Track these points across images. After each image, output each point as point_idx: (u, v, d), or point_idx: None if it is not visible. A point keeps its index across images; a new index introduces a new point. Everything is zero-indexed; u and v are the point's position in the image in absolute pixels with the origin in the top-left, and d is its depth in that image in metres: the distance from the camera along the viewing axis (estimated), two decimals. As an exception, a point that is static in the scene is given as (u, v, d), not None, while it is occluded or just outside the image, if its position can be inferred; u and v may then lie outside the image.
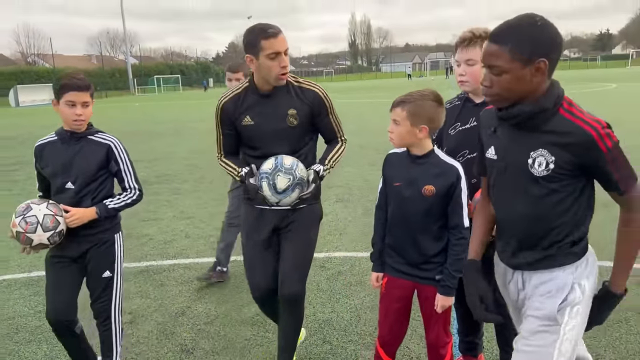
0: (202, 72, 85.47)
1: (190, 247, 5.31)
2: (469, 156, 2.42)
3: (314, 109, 2.67)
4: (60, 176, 2.61)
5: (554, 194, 1.78)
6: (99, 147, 2.66)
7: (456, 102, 2.60)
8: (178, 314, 3.84)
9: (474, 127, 2.38)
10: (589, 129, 1.68)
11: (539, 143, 1.76)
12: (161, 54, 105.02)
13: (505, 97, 1.77)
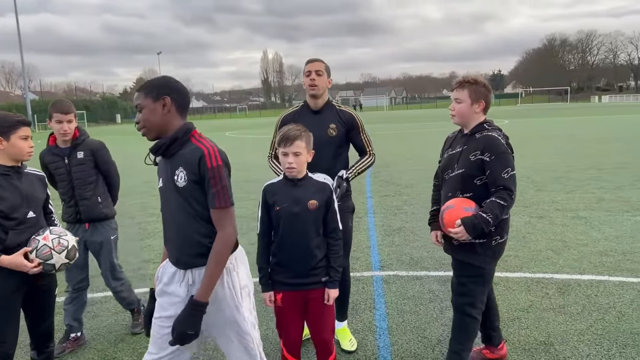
0: (108, 107, 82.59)
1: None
2: (450, 174, 3.07)
3: (348, 126, 3.60)
4: (20, 208, 2.77)
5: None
6: (39, 179, 2.96)
7: (456, 133, 3.24)
8: (117, 340, 3.95)
9: (456, 152, 3.07)
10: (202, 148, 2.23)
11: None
12: (63, 89, 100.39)
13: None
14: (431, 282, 4.91)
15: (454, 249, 3.08)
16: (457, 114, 3.05)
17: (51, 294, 2.98)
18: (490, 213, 2.81)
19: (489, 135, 2.94)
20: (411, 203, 8.61)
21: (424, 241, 6.29)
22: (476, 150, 2.93)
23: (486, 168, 2.90)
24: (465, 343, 3.08)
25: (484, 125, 3.01)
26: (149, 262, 6.00)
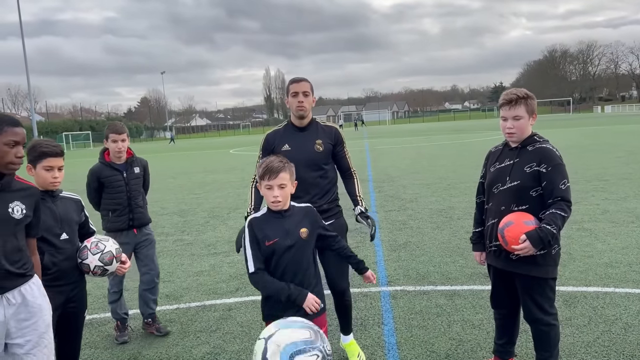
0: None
1: (131, 299, 5.43)
2: (501, 188, 3.08)
3: (334, 141, 3.67)
4: (55, 229, 2.87)
5: None
6: (74, 202, 3.06)
7: (499, 147, 3.26)
8: (131, 359, 4.01)
9: (506, 165, 3.09)
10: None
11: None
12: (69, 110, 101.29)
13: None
14: (438, 296, 4.95)
15: (513, 264, 3.06)
16: (518, 131, 3.03)
17: (79, 317, 3.03)
18: (554, 225, 2.82)
19: (545, 147, 3.01)
20: (416, 218, 8.66)
21: (429, 256, 6.34)
22: (532, 162, 2.98)
23: (542, 179, 2.94)
24: (552, 350, 3.11)
25: (534, 137, 3.06)
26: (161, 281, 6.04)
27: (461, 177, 13.20)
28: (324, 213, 3.38)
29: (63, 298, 2.88)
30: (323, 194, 3.57)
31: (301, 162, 3.35)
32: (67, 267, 2.89)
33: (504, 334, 3.36)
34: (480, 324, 4.23)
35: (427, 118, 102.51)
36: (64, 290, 2.88)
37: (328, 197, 3.60)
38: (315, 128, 3.66)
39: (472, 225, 3.46)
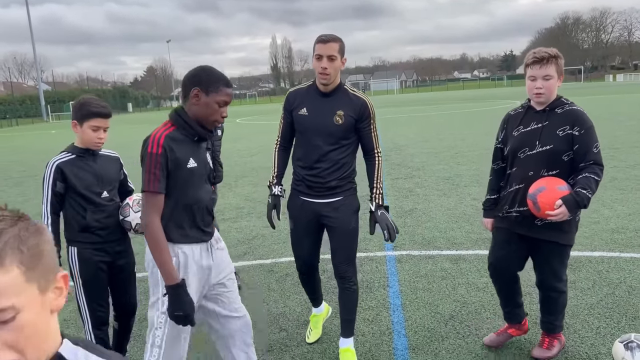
0: (120, 97, 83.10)
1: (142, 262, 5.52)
2: (528, 153, 2.96)
3: (358, 115, 3.10)
4: (95, 187, 2.91)
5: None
6: (113, 160, 3.09)
7: (520, 110, 3.12)
8: (141, 319, 4.07)
9: (534, 129, 2.96)
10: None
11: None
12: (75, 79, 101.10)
13: None
14: (443, 260, 5.00)
15: (539, 230, 2.98)
16: (547, 91, 2.89)
17: (128, 272, 3.10)
18: (589, 189, 2.73)
19: (576, 109, 2.92)
20: (423, 185, 8.67)
21: (435, 222, 6.38)
22: (564, 125, 2.88)
23: (575, 142, 2.85)
24: (559, 314, 3.16)
25: (561, 99, 2.97)
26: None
27: (469, 145, 13.14)
28: (330, 190, 3.11)
29: (109, 254, 2.96)
30: (333, 169, 3.09)
31: (316, 131, 3.10)
32: (110, 224, 2.94)
33: (509, 300, 3.30)
34: (485, 287, 4.27)
35: (435, 87, 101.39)
36: (109, 246, 2.95)
37: (339, 174, 3.11)
38: (340, 96, 3.12)
39: (487, 192, 3.34)
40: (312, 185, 3.14)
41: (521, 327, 3.37)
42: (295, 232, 3.32)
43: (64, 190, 2.86)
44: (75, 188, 2.85)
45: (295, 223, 3.30)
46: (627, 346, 2.86)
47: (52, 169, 2.83)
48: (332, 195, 3.14)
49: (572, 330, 3.49)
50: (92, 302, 2.92)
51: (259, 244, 5.86)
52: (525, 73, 3.00)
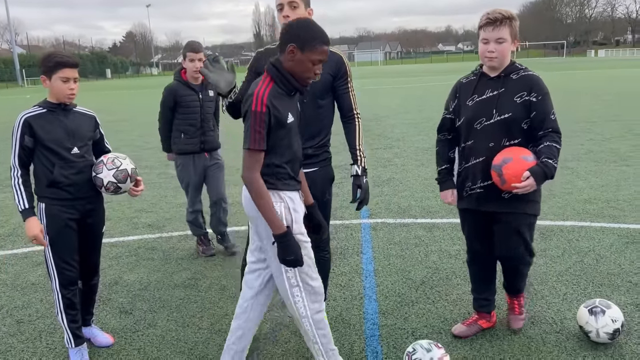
0: (98, 62, 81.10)
1: (113, 228, 5.46)
2: (485, 123, 2.79)
3: (334, 71, 2.88)
4: (66, 142, 2.85)
5: None
6: (87, 117, 3.01)
7: (472, 77, 2.92)
8: (111, 283, 4.07)
9: (490, 97, 2.79)
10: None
11: None
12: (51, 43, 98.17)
13: None
14: (417, 228, 5.03)
15: (506, 203, 2.82)
16: (499, 55, 2.73)
17: (96, 231, 3.07)
18: (554, 158, 2.64)
19: (532, 74, 2.78)
20: (401, 155, 8.67)
21: (412, 191, 6.39)
22: (522, 91, 2.74)
23: (532, 109, 2.73)
24: (523, 282, 3.11)
25: (515, 65, 2.82)
26: (143, 211, 6.07)
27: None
28: (306, 159, 2.82)
29: (79, 212, 2.91)
30: (310, 135, 2.87)
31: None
32: (79, 180, 2.87)
33: (486, 286, 3.15)
34: (457, 254, 4.31)
35: (419, 59, 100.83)
36: (79, 204, 2.90)
37: (315, 141, 2.91)
38: None
39: (437, 164, 3.10)
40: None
41: (490, 319, 3.18)
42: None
43: (32, 144, 2.82)
44: (43, 142, 2.81)
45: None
46: (591, 311, 2.91)
47: (21, 123, 2.81)
48: (307, 166, 2.86)
49: (540, 297, 3.54)
50: (59, 260, 2.87)
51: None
52: (479, 36, 2.81)
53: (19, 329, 3.42)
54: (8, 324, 3.49)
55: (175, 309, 3.60)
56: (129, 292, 3.90)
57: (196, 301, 3.71)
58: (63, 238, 2.88)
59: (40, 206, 2.88)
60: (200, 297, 3.78)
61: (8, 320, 3.54)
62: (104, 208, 3.11)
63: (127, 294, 3.88)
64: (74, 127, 2.91)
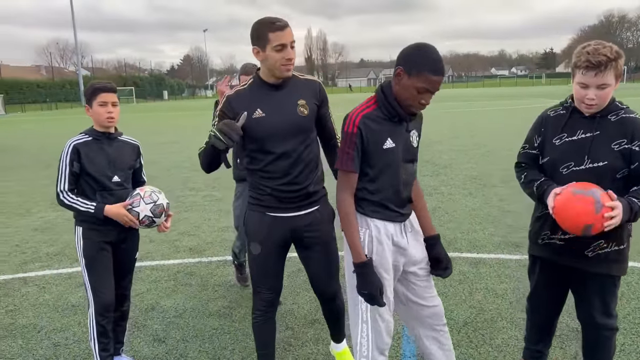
0: (156, 84, 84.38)
1: (156, 251, 5.51)
2: (574, 168, 2.42)
3: (319, 100, 2.69)
4: (107, 170, 2.93)
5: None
6: (131, 146, 3.10)
7: (561, 111, 2.53)
8: (148, 309, 4.07)
9: (583, 139, 2.41)
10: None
11: None
12: (114, 65, 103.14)
13: None
14: (462, 263, 4.80)
15: (587, 261, 2.47)
16: (601, 101, 2.35)
17: (130, 256, 3.12)
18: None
19: (636, 118, 2.37)
20: (449, 184, 8.42)
21: (458, 222, 6.16)
22: (621, 137, 2.35)
23: (634, 160, 2.33)
24: (609, 357, 2.66)
25: (616, 104, 2.43)
26: (186, 234, 6.12)
27: (501, 144, 12.76)
28: (307, 198, 2.66)
29: (114, 238, 2.97)
30: (308, 171, 2.65)
31: (282, 131, 2.55)
32: None
33: (542, 337, 2.85)
34: (504, 294, 4.07)
35: (471, 83, 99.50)
36: (116, 230, 2.95)
37: (314, 177, 2.69)
38: (293, 83, 2.64)
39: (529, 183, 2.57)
40: (285, 197, 2.62)
41: None
42: (263, 258, 2.70)
43: (79, 170, 2.91)
44: (87, 170, 2.90)
45: (263, 247, 2.68)
46: None
47: (70, 149, 2.90)
48: (310, 205, 2.68)
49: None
50: (95, 283, 2.91)
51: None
52: (573, 75, 2.41)
53: (55, 352, 3.44)
54: (45, 346, 3.53)
55: (207, 339, 3.54)
56: (164, 319, 3.88)
57: (229, 332, 3.64)
58: (99, 261, 2.94)
59: (78, 230, 2.96)
60: (234, 327, 3.71)
61: (45, 343, 3.58)
62: (139, 235, 3.15)
63: (162, 320, 3.86)
64: (116, 155, 2.99)
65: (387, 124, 2.29)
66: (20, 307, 4.17)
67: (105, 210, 2.85)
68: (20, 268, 5.10)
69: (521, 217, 6.18)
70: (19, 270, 5.04)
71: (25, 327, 3.82)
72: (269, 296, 2.74)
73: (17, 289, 4.57)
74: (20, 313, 4.06)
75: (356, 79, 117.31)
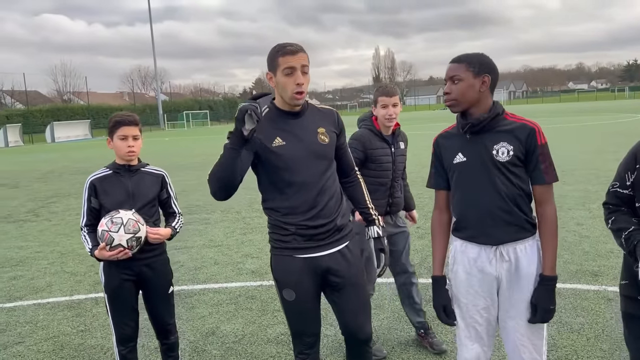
0: (229, 107, 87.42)
1: (220, 273, 5.60)
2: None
3: (338, 128, 2.59)
4: (125, 204, 2.85)
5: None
6: (154, 177, 3.02)
7: None
8: (208, 333, 4.11)
9: None
10: (531, 124, 2.25)
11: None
12: (190, 90, 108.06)
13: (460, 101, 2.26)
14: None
15: None
16: None
17: (160, 291, 3.03)
18: None
19: None
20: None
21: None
22: None
23: None
24: None
25: None
26: (249, 257, 6.19)
27: (578, 163, 12.05)
28: (337, 232, 2.49)
29: (134, 272, 2.91)
30: (334, 202, 2.49)
31: (304, 159, 2.42)
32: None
33: None
34: (580, 329, 3.76)
35: (547, 98, 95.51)
36: (134, 265, 2.89)
37: (340, 209, 2.53)
38: (311, 112, 2.54)
39: (617, 229, 2.16)
40: (312, 233, 2.44)
41: None
42: (299, 305, 2.51)
43: (98, 205, 2.88)
44: (104, 204, 2.87)
45: (297, 293, 2.49)
46: None
47: (87, 185, 2.90)
48: (340, 241, 2.51)
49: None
50: (117, 317, 2.93)
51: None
52: None
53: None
54: (110, 367, 3.63)
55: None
56: (223, 344, 3.90)
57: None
58: (120, 296, 2.92)
59: (100, 264, 2.94)
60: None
61: (110, 364, 3.68)
62: (168, 269, 3.07)
63: (222, 345, 3.88)
64: (136, 187, 2.91)
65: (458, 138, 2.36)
66: (90, 328, 4.34)
67: (95, 253, 2.78)
68: (93, 288, 5.34)
69: (599, 244, 5.77)
70: (92, 291, 5.27)
71: (94, 347, 3.97)
72: (311, 340, 2.58)
73: (88, 309, 4.77)
74: (90, 333, 4.23)
75: (425, 97, 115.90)
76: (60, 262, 6.45)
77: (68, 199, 11.50)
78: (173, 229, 3.04)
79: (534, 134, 2.21)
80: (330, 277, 2.50)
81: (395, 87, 3.54)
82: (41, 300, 5.10)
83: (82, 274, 5.86)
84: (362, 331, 2.58)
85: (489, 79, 2.23)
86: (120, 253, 2.74)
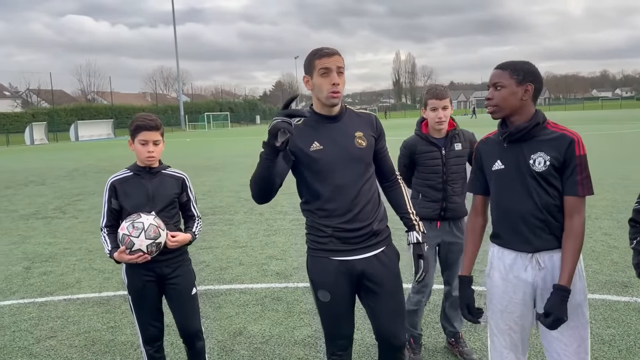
0: (250, 109, 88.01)
1: (245, 274, 5.65)
2: None
3: (376, 133, 2.60)
4: (145, 206, 2.85)
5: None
6: (174, 180, 3.01)
7: None
8: (236, 333, 4.15)
9: None
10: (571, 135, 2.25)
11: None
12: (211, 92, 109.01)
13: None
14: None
15: None
16: None
17: (183, 294, 2.98)
18: None
19: None
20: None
21: (558, 257, 5.75)
22: None
23: None
24: None
25: None
26: (273, 258, 6.23)
27: (603, 172, 11.84)
28: (374, 236, 2.52)
29: (156, 274, 2.91)
30: (371, 207, 2.51)
31: (341, 163, 2.45)
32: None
33: None
34: (612, 340, 3.71)
35: (569, 106, 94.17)
36: (156, 267, 2.89)
37: (377, 214, 2.55)
38: (349, 116, 2.56)
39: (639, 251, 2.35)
40: (348, 236, 2.47)
41: None
42: (333, 307, 2.54)
43: (118, 207, 2.91)
44: (124, 206, 2.89)
45: (332, 294, 2.52)
46: None
47: (108, 187, 2.93)
48: (376, 245, 2.53)
49: None
50: (141, 318, 2.96)
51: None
52: None
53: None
54: (141, 364, 3.69)
55: None
56: (251, 345, 3.93)
57: (314, 363, 3.62)
58: (143, 298, 2.94)
59: (123, 266, 2.95)
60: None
61: (141, 361, 3.74)
62: (190, 271, 3.05)
63: (249, 346, 3.92)
64: (155, 190, 2.90)
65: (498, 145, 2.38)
66: (120, 325, 4.42)
67: (114, 256, 2.79)
68: (121, 286, 5.43)
69: (629, 255, 5.65)
70: (120, 288, 5.36)
71: (124, 344, 4.04)
72: (344, 342, 2.62)
73: (117, 306, 4.86)
74: (120, 330, 4.31)
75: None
76: (88, 259, 6.58)
77: (93, 197, 11.70)
78: (193, 234, 3.01)
79: (573, 144, 2.21)
80: (365, 281, 2.52)
81: (446, 90, 3.47)
82: (71, 295, 5.22)
83: (110, 272, 5.96)
84: (397, 338, 2.57)
85: (532, 87, 2.23)
86: (139, 258, 2.75)
